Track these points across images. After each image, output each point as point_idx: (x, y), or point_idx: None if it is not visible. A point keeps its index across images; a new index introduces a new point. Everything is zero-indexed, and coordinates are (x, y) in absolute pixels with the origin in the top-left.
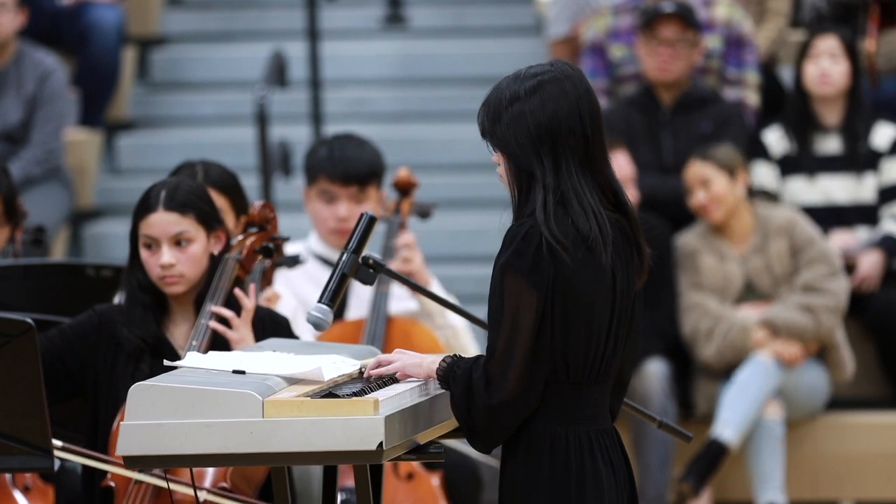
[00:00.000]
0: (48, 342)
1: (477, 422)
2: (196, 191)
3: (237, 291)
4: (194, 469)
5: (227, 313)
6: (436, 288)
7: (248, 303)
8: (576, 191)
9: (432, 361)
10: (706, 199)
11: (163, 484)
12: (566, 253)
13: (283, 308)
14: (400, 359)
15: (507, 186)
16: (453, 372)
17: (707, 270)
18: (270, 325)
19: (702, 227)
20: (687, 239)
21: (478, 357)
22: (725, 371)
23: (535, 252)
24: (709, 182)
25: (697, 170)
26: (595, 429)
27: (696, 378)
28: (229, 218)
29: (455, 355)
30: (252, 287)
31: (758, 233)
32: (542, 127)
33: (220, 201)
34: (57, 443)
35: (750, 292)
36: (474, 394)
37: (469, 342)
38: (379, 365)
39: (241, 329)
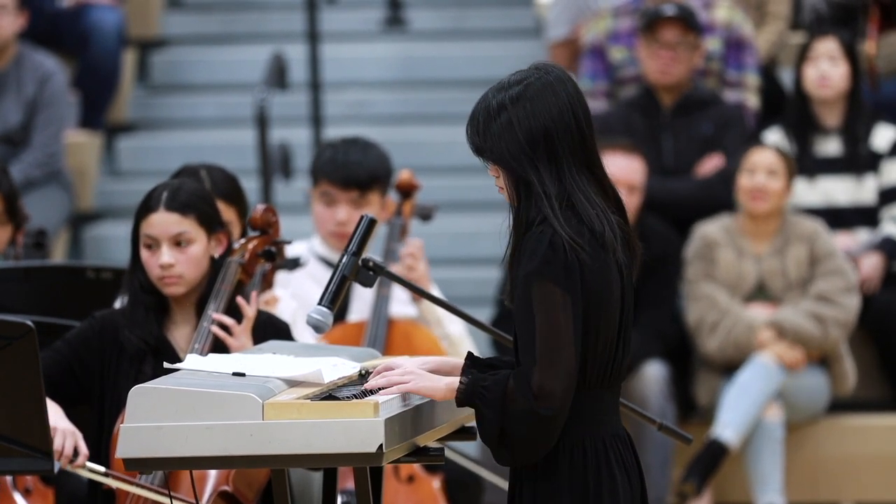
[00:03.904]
0: (57, 355)
1: (522, 435)
2: (198, 192)
3: (239, 299)
4: (197, 474)
5: (228, 321)
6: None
7: (250, 311)
8: (582, 191)
9: (450, 383)
10: (765, 186)
11: (165, 501)
12: (587, 256)
13: (283, 310)
14: (413, 380)
15: (507, 197)
16: (478, 391)
17: (723, 265)
18: (271, 331)
19: (726, 221)
20: (709, 230)
21: (509, 373)
22: (726, 368)
23: (563, 258)
24: (775, 174)
25: (771, 158)
26: (610, 433)
27: (697, 371)
28: (236, 230)
29: (470, 374)
30: (254, 294)
31: (780, 236)
32: (532, 133)
33: (228, 213)
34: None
35: (760, 293)
36: (519, 408)
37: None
38: (388, 381)
39: (241, 337)
